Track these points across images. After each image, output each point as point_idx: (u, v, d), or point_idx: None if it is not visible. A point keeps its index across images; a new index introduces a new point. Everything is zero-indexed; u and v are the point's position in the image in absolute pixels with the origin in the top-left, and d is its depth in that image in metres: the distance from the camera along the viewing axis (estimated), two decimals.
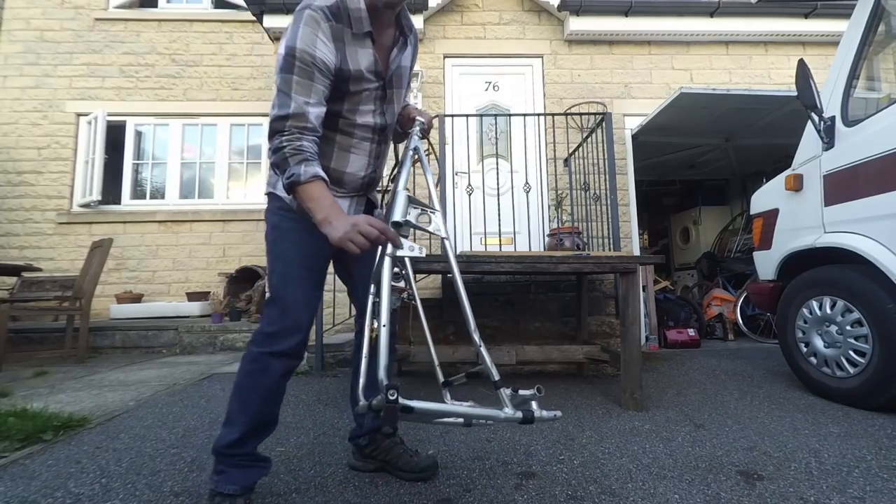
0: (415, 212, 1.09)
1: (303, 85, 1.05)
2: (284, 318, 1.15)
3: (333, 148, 1.21)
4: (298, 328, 1.17)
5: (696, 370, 2.91)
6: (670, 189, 6.87)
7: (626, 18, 4.14)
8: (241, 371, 1.17)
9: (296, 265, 1.18)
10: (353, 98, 1.17)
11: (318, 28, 1.05)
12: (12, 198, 5.30)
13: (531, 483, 1.35)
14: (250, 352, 1.16)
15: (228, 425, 1.15)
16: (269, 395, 1.17)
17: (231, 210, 5.33)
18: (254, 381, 1.15)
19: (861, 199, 2.01)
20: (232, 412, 1.16)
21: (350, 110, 1.19)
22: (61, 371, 3.13)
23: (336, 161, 1.22)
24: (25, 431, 1.74)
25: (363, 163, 1.27)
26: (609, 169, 3.04)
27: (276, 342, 1.14)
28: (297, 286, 1.18)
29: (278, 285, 1.18)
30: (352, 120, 1.20)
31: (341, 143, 1.22)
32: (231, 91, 5.53)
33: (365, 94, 1.18)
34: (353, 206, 1.30)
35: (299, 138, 1.04)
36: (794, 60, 3.77)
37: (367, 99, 1.20)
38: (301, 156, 1.03)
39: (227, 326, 4.10)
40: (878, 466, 1.43)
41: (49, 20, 5.57)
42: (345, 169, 1.24)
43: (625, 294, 2.19)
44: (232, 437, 1.13)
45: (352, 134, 1.22)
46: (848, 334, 2.07)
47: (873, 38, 2.19)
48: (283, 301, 1.16)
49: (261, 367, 1.14)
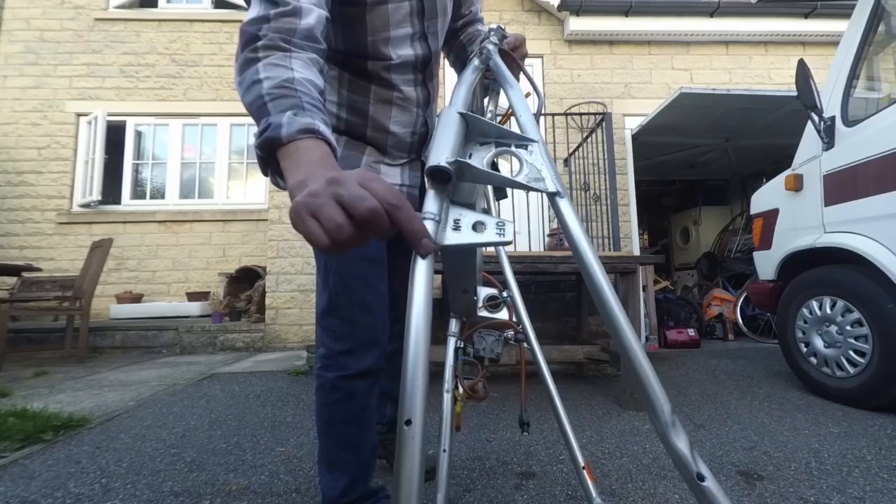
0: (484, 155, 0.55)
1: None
2: (356, 331, 0.92)
3: (370, 99, 0.91)
4: (374, 340, 0.93)
5: (696, 370, 2.91)
6: (670, 189, 6.87)
7: (626, 18, 4.14)
8: (321, 404, 0.94)
9: (355, 259, 0.91)
10: (376, 13, 0.83)
11: None
12: (12, 198, 5.29)
13: (531, 483, 1.35)
14: (325, 379, 0.92)
15: (332, 471, 0.94)
16: (364, 420, 0.95)
17: (231, 210, 5.33)
18: (342, 411, 0.92)
19: (861, 199, 2.01)
20: (330, 455, 0.94)
21: (379, 40, 0.85)
22: (61, 371, 3.13)
23: (375, 117, 0.93)
24: (25, 431, 1.74)
25: (411, 116, 0.96)
26: (609, 169, 3.04)
27: (355, 361, 0.91)
28: (364, 286, 0.92)
29: (338, 289, 0.91)
30: (384, 54, 0.87)
31: (378, 93, 0.92)
32: (231, 91, 5.52)
33: (392, 8, 0.84)
34: (405, 174, 1.01)
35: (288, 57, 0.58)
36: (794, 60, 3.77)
37: (399, 16, 0.86)
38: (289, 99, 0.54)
39: (227, 326, 4.10)
40: (878, 466, 1.43)
41: (49, 20, 5.57)
42: (387, 126, 0.94)
43: (625, 294, 2.19)
44: (344, 483, 0.92)
45: (388, 80, 0.90)
46: (848, 334, 2.07)
47: (873, 38, 2.19)
48: (348, 310, 0.91)
49: (345, 394, 0.92)
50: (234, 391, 2.51)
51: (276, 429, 1.89)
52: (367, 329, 0.93)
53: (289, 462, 1.54)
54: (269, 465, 1.52)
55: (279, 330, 3.92)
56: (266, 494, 1.30)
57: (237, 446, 1.69)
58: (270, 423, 1.96)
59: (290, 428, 1.89)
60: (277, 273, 3.97)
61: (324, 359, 0.94)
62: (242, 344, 4.00)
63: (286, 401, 2.31)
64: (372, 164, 0.96)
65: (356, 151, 0.95)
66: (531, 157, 0.52)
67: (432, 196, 0.47)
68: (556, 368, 3.02)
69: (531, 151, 0.52)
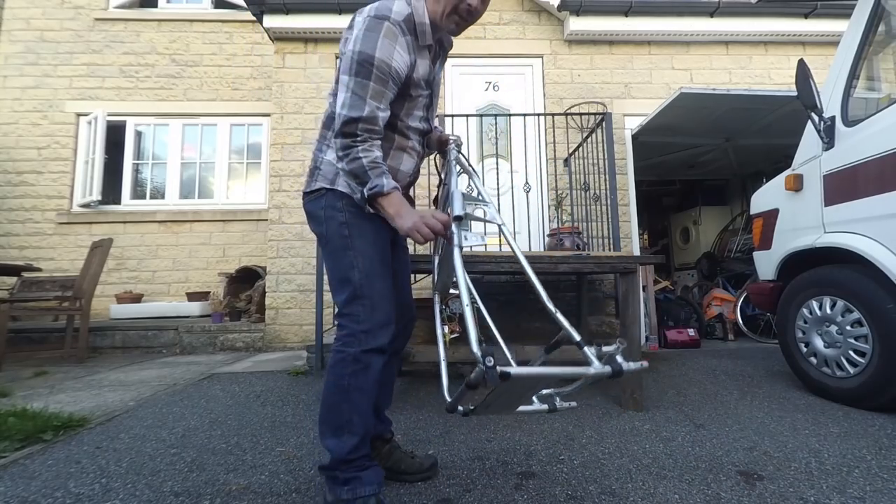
0: (470, 206, 1.17)
1: (378, 92, 1.12)
2: (375, 315, 1.17)
3: (392, 147, 1.28)
4: (389, 321, 1.20)
5: (696, 370, 2.91)
6: (670, 189, 6.86)
7: (626, 18, 4.14)
8: (342, 375, 1.15)
9: (376, 261, 1.21)
10: (411, 103, 1.26)
11: (396, 41, 1.12)
12: (12, 198, 5.30)
13: (531, 483, 1.35)
14: (348, 353, 1.15)
15: (343, 433, 1.14)
16: (373, 391, 1.19)
17: (231, 210, 5.33)
18: (360, 380, 1.15)
19: (861, 199, 2.01)
20: (343, 418, 1.14)
21: (406, 114, 1.27)
22: (61, 371, 3.13)
23: (392, 160, 1.28)
24: (25, 431, 1.75)
25: (413, 163, 1.35)
26: (609, 169, 3.04)
27: (374, 338, 1.16)
28: (381, 281, 1.21)
29: (362, 282, 1.19)
30: (406, 123, 1.29)
31: (399, 144, 1.29)
32: (231, 91, 5.53)
33: (419, 100, 1.29)
34: None
35: (372, 147, 1.12)
36: (794, 60, 3.77)
37: (420, 105, 1.30)
38: (380, 168, 1.11)
39: (227, 326, 4.10)
40: (878, 466, 1.43)
41: (49, 20, 5.57)
42: (399, 167, 1.30)
43: (625, 294, 2.19)
44: (353, 442, 1.13)
45: (407, 136, 1.30)
46: (848, 334, 2.07)
47: (873, 38, 2.19)
48: (370, 298, 1.18)
49: (364, 366, 1.15)
50: (234, 391, 2.51)
51: (276, 429, 1.89)
52: (383, 313, 1.19)
53: (289, 462, 1.54)
54: (269, 465, 1.52)
55: (279, 330, 3.92)
56: (266, 494, 1.30)
57: (237, 446, 1.69)
58: (270, 423, 1.96)
59: (290, 428, 1.89)
60: (277, 273, 3.97)
61: (347, 337, 1.17)
62: (242, 344, 4.00)
63: (286, 401, 2.31)
64: None
65: None
66: (488, 208, 1.23)
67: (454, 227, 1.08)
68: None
69: (487, 205, 1.25)
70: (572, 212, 3.57)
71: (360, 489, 1.11)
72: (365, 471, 1.14)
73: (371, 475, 1.14)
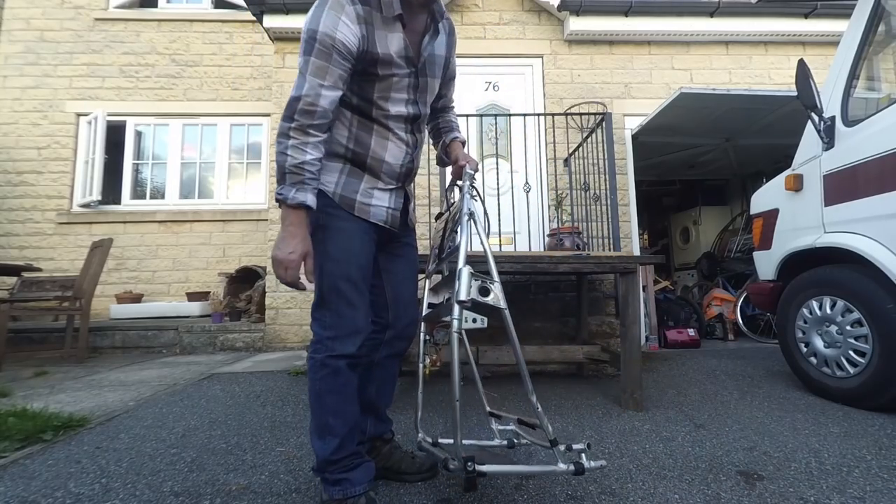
0: (476, 283, 1.06)
1: (320, 67, 1.05)
2: (342, 322, 1.13)
3: (372, 136, 1.20)
4: (356, 330, 1.15)
5: (696, 370, 2.91)
6: (670, 189, 6.86)
7: (626, 18, 4.14)
8: (314, 379, 1.15)
9: (352, 265, 1.15)
10: (384, 83, 1.16)
11: (341, 11, 1.06)
12: (12, 198, 5.30)
13: (531, 483, 1.35)
14: (315, 360, 1.14)
15: (325, 436, 1.13)
16: (349, 393, 1.16)
17: (231, 210, 5.33)
18: (330, 384, 1.13)
19: (861, 199, 2.01)
20: (322, 422, 1.14)
21: (382, 97, 1.17)
22: (61, 371, 3.13)
23: (375, 150, 1.21)
24: (25, 431, 1.74)
25: (402, 153, 1.25)
26: (609, 169, 3.04)
27: (340, 345, 1.13)
28: (351, 287, 1.15)
29: (329, 288, 1.14)
30: (384, 109, 1.18)
31: (379, 132, 1.21)
32: (231, 91, 5.53)
33: (395, 80, 1.17)
34: (392, 198, 1.27)
35: (304, 146, 1.04)
36: (794, 60, 3.77)
37: (399, 86, 1.18)
38: (300, 176, 1.04)
39: (227, 326, 4.10)
40: (878, 466, 1.43)
41: (49, 20, 5.57)
42: (383, 157, 1.22)
43: (625, 294, 2.19)
44: (335, 443, 1.12)
45: (387, 125, 1.21)
46: (848, 334, 2.07)
47: (873, 38, 2.19)
48: (336, 304, 1.14)
49: (332, 371, 1.13)
50: (234, 391, 2.51)
51: (276, 429, 1.89)
52: (349, 321, 1.14)
53: (289, 462, 1.54)
54: (269, 465, 1.52)
55: (279, 330, 3.92)
56: (266, 494, 1.30)
57: (237, 446, 1.69)
58: (270, 423, 1.96)
59: (290, 428, 1.89)
60: None
61: (314, 343, 1.16)
62: (242, 344, 4.00)
63: (286, 401, 2.31)
64: (368, 189, 1.23)
65: (356, 178, 1.21)
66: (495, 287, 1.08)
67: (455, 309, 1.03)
68: (557, 368, 3.02)
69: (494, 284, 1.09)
70: (572, 212, 3.57)
71: (350, 489, 1.12)
72: (353, 470, 1.14)
73: (360, 474, 1.15)
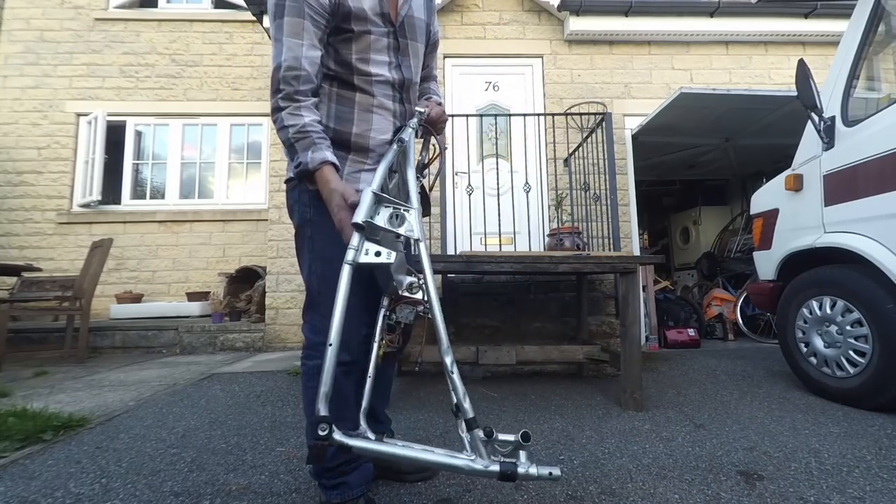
0: (385, 211, 0.96)
1: (295, 25, 1.01)
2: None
3: (354, 109, 1.14)
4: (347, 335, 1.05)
5: (696, 370, 2.91)
6: (670, 189, 6.86)
7: (626, 18, 4.14)
8: (307, 388, 1.11)
9: (337, 262, 1.02)
10: (361, 42, 1.11)
11: None
12: (12, 198, 5.29)
13: (531, 483, 1.35)
14: (307, 367, 1.11)
15: None
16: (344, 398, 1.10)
17: (231, 210, 5.33)
18: None
19: (861, 199, 2.01)
20: None
21: (361, 59, 1.12)
22: (61, 371, 3.13)
23: (358, 124, 1.14)
24: (25, 431, 1.74)
25: (387, 124, 1.18)
26: (609, 169, 3.04)
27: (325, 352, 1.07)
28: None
29: (317, 287, 1.09)
30: (366, 71, 1.12)
31: (362, 103, 1.14)
32: (231, 91, 5.52)
33: (374, 39, 1.12)
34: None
35: (299, 110, 1.01)
36: (794, 60, 3.78)
37: (379, 46, 1.13)
38: (307, 138, 1.01)
39: (227, 326, 4.10)
40: (878, 466, 1.43)
41: (49, 20, 5.57)
42: (369, 132, 1.15)
43: (625, 294, 2.19)
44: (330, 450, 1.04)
45: (370, 92, 1.14)
46: (848, 334, 2.07)
47: (873, 38, 2.19)
48: (324, 306, 1.05)
49: None
50: (234, 391, 2.51)
51: (276, 429, 1.89)
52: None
53: (289, 462, 1.54)
54: (269, 465, 1.52)
55: (279, 330, 3.92)
56: (266, 494, 1.30)
57: (237, 446, 1.69)
58: (270, 423, 1.96)
59: (290, 428, 1.89)
60: (277, 273, 3.97)
61: (306, 349, 1.13)
62: (242, 344, 4.00)
63: (286, 401, 2.31)
64: (353, 173, 1.16)
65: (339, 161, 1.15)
66: (409, 216, 0.98)
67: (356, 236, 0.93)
68: (556, 368, 3.02)
69: (409, 211, 0.98)
70: (572, 212, 3.57)
71: (348, 492, 1.12)
72: (349, 474, 1.13)
73: (357, 477, 1.13)
